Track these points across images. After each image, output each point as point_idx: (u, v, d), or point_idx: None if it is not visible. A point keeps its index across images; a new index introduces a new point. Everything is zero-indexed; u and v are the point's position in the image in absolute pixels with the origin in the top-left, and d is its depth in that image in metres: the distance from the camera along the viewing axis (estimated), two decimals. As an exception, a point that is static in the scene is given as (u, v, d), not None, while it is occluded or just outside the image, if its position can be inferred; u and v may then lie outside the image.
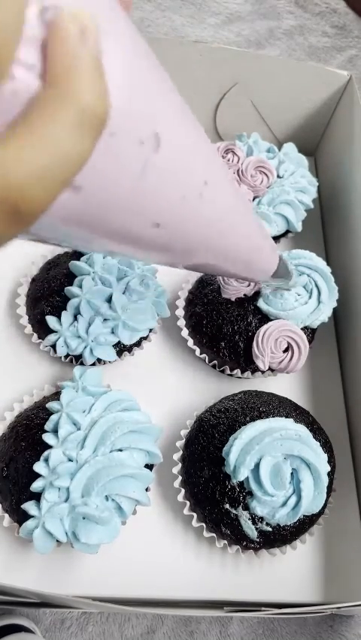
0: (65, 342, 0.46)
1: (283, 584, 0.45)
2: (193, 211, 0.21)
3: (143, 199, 0.18)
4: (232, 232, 0.25)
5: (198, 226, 0.22)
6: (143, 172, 0.17)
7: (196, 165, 0.20)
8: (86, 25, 0.14)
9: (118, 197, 0.17)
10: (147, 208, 0.18)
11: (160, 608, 0.43)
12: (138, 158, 0.16)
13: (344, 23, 1.09)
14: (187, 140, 0.20)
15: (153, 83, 0.17)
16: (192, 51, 0.60)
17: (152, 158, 0.17)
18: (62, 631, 0.53)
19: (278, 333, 0.47)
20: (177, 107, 0.19)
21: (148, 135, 0.16)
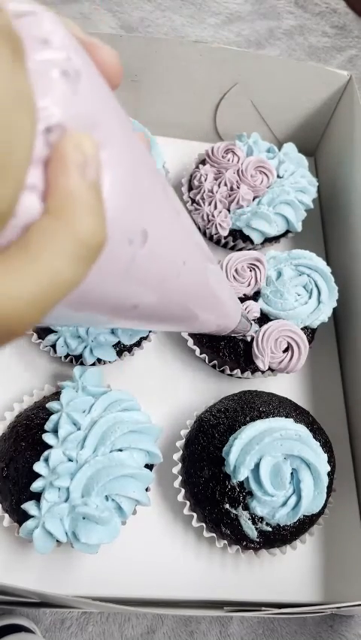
0: (65, 342, 0.46)
1: (283, 584, 0.45)
2: (170, 291, 0.22)
3: (126, 288, 0.18)
4: (203, 302, 0.26)
5: (173, 302, 0.23)
6: (129, 266, 0.17)
7: (178, 248, 0.21)
8: (88, 155, 0.14)
9: (103, 290, 0.17)
10: (129, 294, 0.19)
11: (160, 608, 0.43)
12: (126, 255, 0.17)
13: (344, 23, 1.09)
14: (171, 227, 0.20)
15: (144, 185, 0.17)
16: (192, 51, 0.60)
17: (138, 252, 0.17)
18: (62, 631, 0.53)
19: (278, 333, 0.47)
20: (162, 197, 0.20)
21: (137, 233, 0.17)
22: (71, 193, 0.14)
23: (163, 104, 0.65)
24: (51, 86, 0.13)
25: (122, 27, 0.98)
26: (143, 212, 0.17)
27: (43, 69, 0.13)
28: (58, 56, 0.14)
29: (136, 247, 0.17)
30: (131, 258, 0.17)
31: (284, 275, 0.49)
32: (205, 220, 0.56)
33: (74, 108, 0.14)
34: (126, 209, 0.16)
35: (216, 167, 0.57)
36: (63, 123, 0.14)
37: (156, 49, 0.59)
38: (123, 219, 0.16)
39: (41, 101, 0.13)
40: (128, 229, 0.16)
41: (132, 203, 0.16)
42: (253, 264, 0.50)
